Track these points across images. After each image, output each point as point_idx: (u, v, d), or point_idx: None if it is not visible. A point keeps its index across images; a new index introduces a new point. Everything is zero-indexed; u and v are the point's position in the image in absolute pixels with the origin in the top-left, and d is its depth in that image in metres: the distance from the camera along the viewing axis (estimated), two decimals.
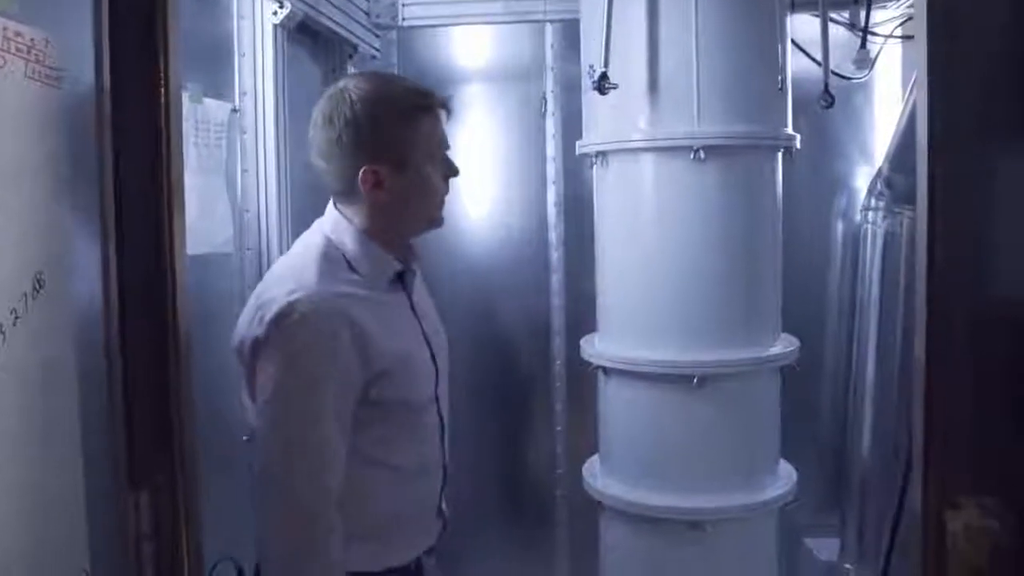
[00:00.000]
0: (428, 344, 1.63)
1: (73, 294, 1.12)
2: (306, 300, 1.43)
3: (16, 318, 0.98)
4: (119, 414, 1.21)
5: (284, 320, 1.42)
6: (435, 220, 1.64)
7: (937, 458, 1.18)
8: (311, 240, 1.58)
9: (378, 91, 1.54)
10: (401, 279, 1.62)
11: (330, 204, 1.61)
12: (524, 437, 3.18)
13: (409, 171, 1.54)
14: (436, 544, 1.69)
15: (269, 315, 1.43)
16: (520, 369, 3.15)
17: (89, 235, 1.17)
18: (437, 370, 1.64)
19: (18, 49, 0.97)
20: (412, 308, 1.64)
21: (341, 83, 1.58)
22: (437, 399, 1.64)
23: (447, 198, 1.66)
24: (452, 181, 1.66)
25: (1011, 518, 1.14)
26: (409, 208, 1.58)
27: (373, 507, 1.54)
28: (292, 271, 1.52)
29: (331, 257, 1.53)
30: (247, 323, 1.49)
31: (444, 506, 1.70)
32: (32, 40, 0.99)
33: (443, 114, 1.60)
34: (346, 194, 1.56)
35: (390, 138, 1.52)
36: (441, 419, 1.66)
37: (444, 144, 1.61)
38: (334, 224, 1.57)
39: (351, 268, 1.53)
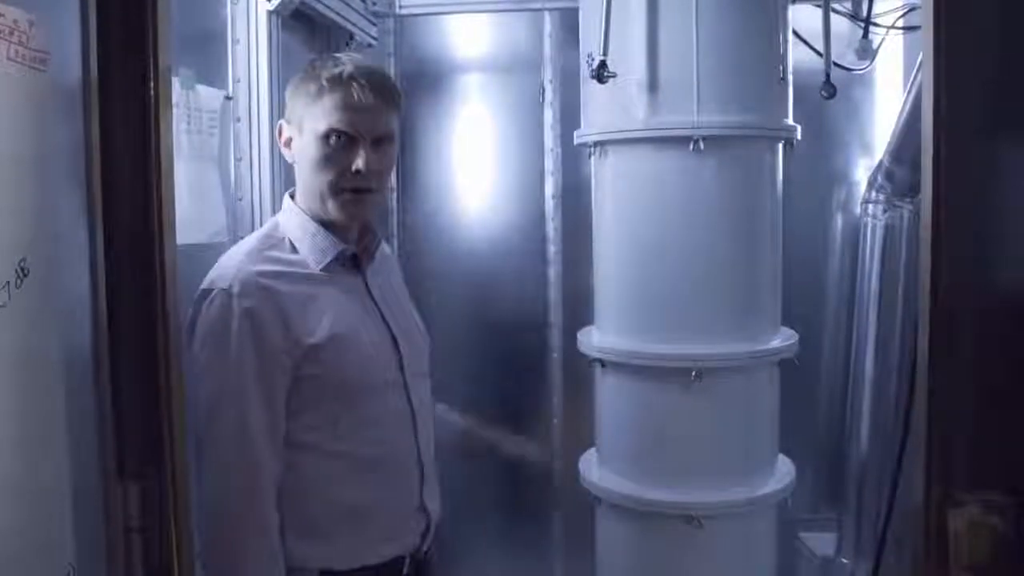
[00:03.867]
0: (388, 328, 1.62)
1: (59, 282, 1.10)
2: (225, 278, 1.47)
3: None
4: (107, 404, 1.19)
5: (204, 299, 1.47)
6: (336, 208, 1.54)
7: (938, 453, 1.16)
8: (263, 226, 1.65)
9: (322, 58, 1.60)
10: (356, 262, 1.62)
11: (286, 195, 1.64)
12: (520, 430, 3.16)
13: (303, 136, 1.55)
14: (422, 545, 1.64)
15: (195, 297, 1.48)
16: (517, 362, 3.13)
17: (76, 222, 1.15)
18: (400, 355, 1.61)
19: None
20: (368, 290, 1.63)
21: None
22: (406, 386, 1.61)
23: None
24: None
25: (1014, 514, 1.12)
26: (306, 179, 1.58)
27: (323, 498, 1.52)
28: (227, 255, 1.57)
29: (273, 238, 1.57)
30: None
31: (427, 504, 1.65)
32: (15, 21, 0.97)
33: (351, 92, 1.50)
34: None
35: (292, 97, 1.57)
36: (412, 408, 1.61)
37: (341, 122, 1.51)
38: (285, 208, 1.62)
39: (293, 249, 1.56)
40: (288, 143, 1.59)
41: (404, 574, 1.60)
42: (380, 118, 1.54)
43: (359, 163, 1.52)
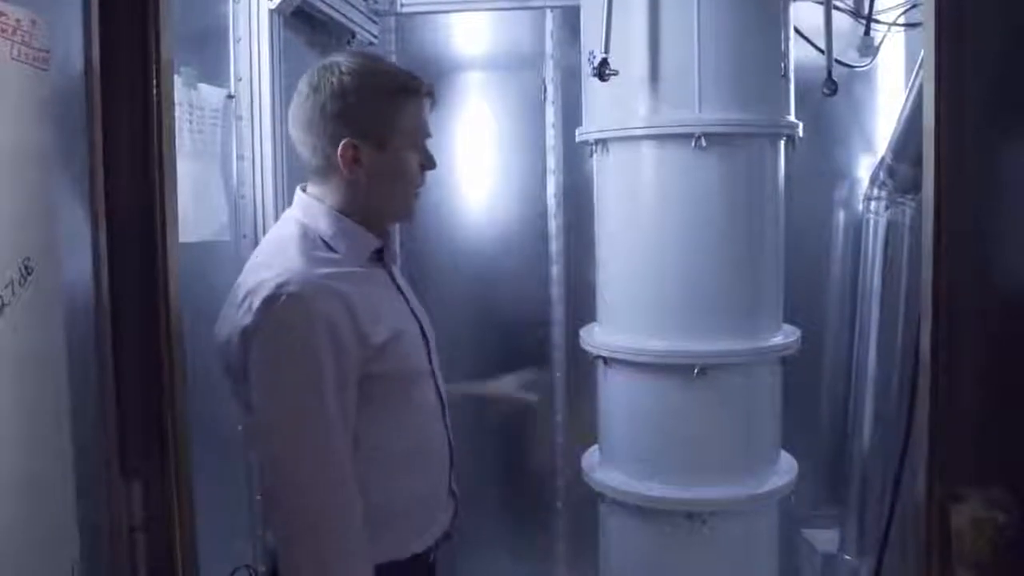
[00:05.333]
0: (416, 318, 1.63)
1: (62, 281, 1.11)
2: (293, 282, 1.40)
3: (3, 305, 0.96)
4: (110, 403, 1.20)
5: (274, 304, 1.38)
6: (407, 210, 1.64)
7: (941, 449, 1.17)
8: (285, 229, 1.55)
9: (369, 67, 1.54)
10: (380, 256, 1.61)
11: (297, 192, 1.59)
12: (523, 428, 3.16)
13: (388, 151, 1.52)
14: (451, 529, 1.66)
15: (258, 301, 1.39)
16: (520, 359, 3.12)
17: (79, 221, 1.15)
18: (428, 344, 1.63)
19: (2, 30, 0.95)
20: (395, 284, 1.63)
21: (332, 57, 1.56)
22: (434, 374, 1.63)
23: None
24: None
25: (1017, 509, 1.12)
26: (383, 191, 1.55)
27: (384, 495, 1.50)
28: (274, 257, 1.49)
29: (308, 239, 1.51)
30: (234, 314, 1.44)
31: (455, 487, 1.68)
32: (18, 20, 0.97)
33: (428, 103, 1.58)
34: (322, 170, 1.54)
35: (375, 113, 1.51)
36: (440, 395, 1.64)
37: (425, 133, 1.59)
38: (305, 208, 1.55)
39: (329, 248, 1.51)
40: (357, 160, 1.51)
41: (430, 560, 1.61)
42: None
43: (434, 160, 1.61)
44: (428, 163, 1.60)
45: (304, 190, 1.58)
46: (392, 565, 1.51)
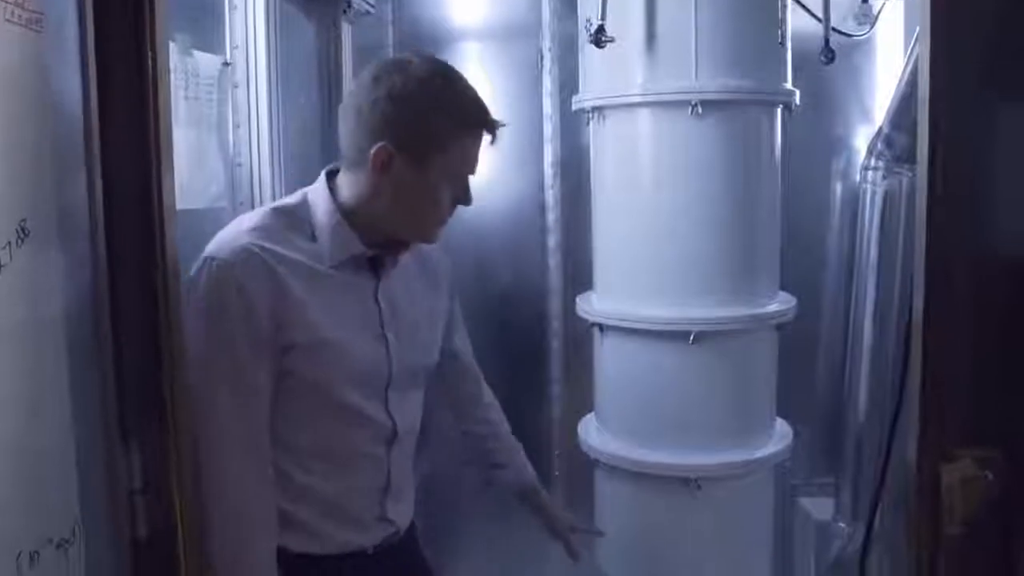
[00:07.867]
0: (385, 340, 1.55)
1: (60, 244, 1.11)
2: (223, 251, 1.42)
3: (0, 267, 0.97)
4: (108, 366, 1.20)
5: (201, 271, 1.41)
6: (424, 234, 1.57)
7: (932, 409, 1.18)
8: (286, 198, 1.57)
9: (440, 82, 1.48)
10: (373, 263, 1.55)
11: (323, 174, 1.56)
12: (520, 396, 3.16)
13: (424, 171, 1.47)
14: (382, 545, 1.60)
15: (194, 267, 1.43)
16: (517, 328, 3.13)
17: (75, 184, 1.15)
18: (391, 371, 1.55)
19: None
20: (376, 298, 1.55)
21: (409, 54, 1.52)
22: (387, 401, 1.55)
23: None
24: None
25: (1006, 470, 1.14)
26: (403, 208, 1.50)
27: (285, 485, 1.49)
28: (239, 222, 1.50)
29: (292, 218, 1.50)
30: None
31: (392, 517, 1.61)
32: None
33: (487, 138, 1.53)
34: (351, 162, 1.50)
35: (426, 130, 1.45)
36: (394, 425, 1.56)
37: (471, 168, 1.54)
38: (315, 191, 1.54)
39: (312, 238, 1.49)
40: (388, 168, 1.46)
41: (370, 554, 1.59)
42: None
43: (471, 197, 1.56)
44: (463, 199, 1.54)
45: (333, 173, 1.55)
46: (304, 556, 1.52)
